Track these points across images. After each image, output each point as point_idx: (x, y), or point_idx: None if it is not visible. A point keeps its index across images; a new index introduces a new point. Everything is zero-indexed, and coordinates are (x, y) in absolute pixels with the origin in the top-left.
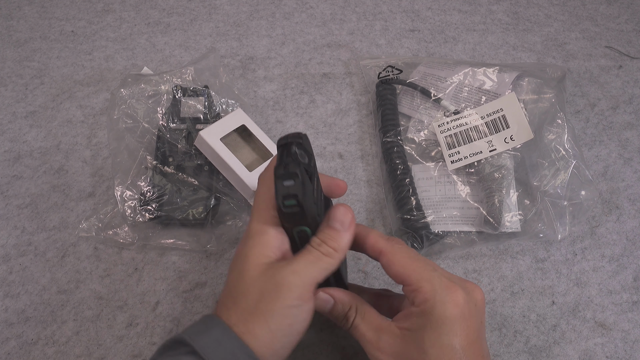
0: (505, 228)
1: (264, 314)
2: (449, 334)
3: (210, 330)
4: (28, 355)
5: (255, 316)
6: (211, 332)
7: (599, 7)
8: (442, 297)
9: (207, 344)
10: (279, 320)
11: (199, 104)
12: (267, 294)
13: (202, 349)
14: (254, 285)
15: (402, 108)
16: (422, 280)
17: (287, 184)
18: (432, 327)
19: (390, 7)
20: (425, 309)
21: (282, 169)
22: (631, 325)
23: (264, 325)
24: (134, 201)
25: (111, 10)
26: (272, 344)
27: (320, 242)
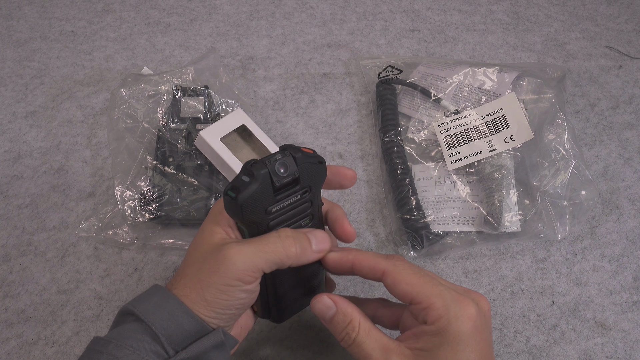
0: (505, 228)
1: (201, 283)
2: (466, 350)
3: (151, 297)
4: (28, 355)
5: (193, 284)
6: (152, 298)
7: (599, 7)
8: (456, 312)
9: (147, 308)
10: (214, 293)
11: (199, 104)
12: (207, 267)
13: (144, 314)
14: (200, 258)
15: (402, 108)
16: (433, 297)
17: (242, 178)
18: (449, 344)
19: (390, 7)
20: (441, 327)
21: (251, 163)
22: (631, 325)
23: (200, 295)
24: (134, 201)
25: (111, 10)
26: (207, 311)
27: (288, 236)
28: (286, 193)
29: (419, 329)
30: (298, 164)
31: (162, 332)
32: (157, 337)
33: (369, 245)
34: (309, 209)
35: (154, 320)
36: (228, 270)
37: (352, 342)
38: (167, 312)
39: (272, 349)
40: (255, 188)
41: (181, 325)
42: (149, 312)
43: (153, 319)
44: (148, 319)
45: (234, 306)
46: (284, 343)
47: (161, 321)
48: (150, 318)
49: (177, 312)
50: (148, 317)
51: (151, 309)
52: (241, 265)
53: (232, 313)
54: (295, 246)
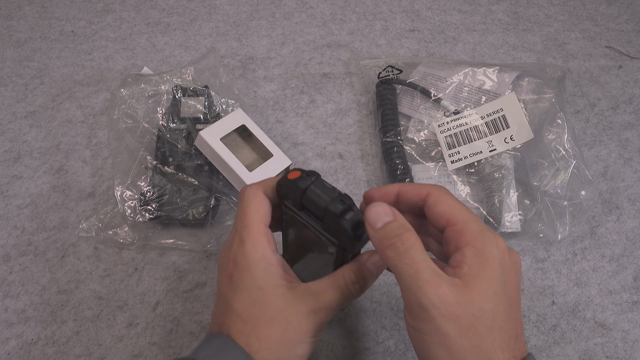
0: (505, 228)
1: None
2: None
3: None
4: (28, 355)
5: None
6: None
7: (599, 7)
8: (489, 237)
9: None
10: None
11: (199, 104)
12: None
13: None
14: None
15: (402, 108)
16: (469, 221)
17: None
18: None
19: (390, 7)
20: (478, 248)
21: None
22: (631, 325)
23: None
24: (134, 201)
25: (111, 10)
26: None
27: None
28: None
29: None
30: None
31: None
32: None
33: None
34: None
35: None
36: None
37: (404, 250)
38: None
39: None
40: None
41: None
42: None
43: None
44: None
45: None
46: None
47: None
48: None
49: None
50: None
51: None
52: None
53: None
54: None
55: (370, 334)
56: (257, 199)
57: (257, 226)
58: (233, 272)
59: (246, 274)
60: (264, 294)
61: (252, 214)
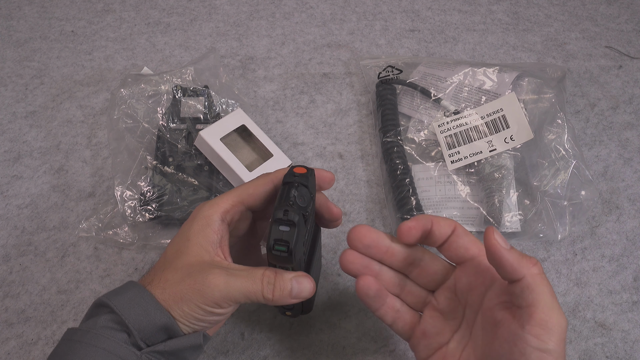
0: (505, 228)
1: (182, 297)
2: None
3: (126, 292)
4: (28, 355)
5: (174, 293)
6: (127, 293)
7: (599, 7)
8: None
9: (122, 302)
10: (192, 308)
11: (199, 104)
12: (191, 283)
13: (118, 307)
14: (185, 270)
15: (402, 108)
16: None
17: (283, 229)
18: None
19: (390, 7)
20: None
21: (281, 213)
22: (631, 325)
23: (178, 305)
24: (134, 201)
25: (111, 10)
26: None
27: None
28: (305, 218)
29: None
30: (309, 189)
31: (134, 325)
32: (129, 330)
33: None
34: (310, 217)
35: (127, 314)
36: (211, 295)
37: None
38: (141, 308)
39: (272, 349)
40: (299, 233)
41: (153, 321)
42: (123, 306)
43: (127, 313)
44: (122, 312)
45: (207, 321)
46: (284, 343)
47: (135, 316)
48: (124, 312)
49: (150, 309)
50: (122, 311)
51: (125, 303)
52: (225, 294)
53: (204, 326)
54: (273, 294)
55: (371, 334)
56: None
57: (238, 198)
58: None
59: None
60: (189, 245)
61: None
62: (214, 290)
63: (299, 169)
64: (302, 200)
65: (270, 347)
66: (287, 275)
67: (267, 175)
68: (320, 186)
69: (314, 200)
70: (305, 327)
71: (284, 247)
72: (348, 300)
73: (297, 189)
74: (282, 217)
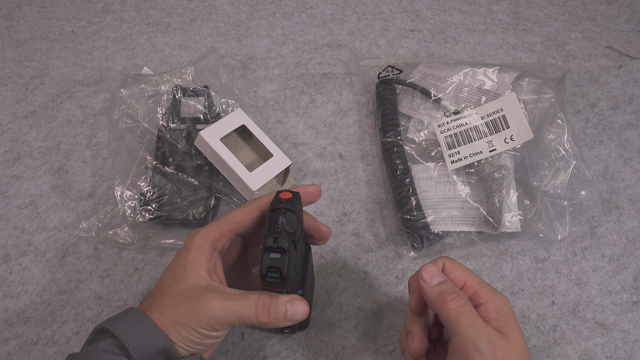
0: (505, 228)
1: (179, 321)
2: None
3: (126, 317)
4: (28, 355)
5: (171, 317)
6: (127, 318)
7: (599, 7)
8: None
9: (122, 327)
10: (189, 331)
11: (199, 104)
12: (188, 307)
13: (118, 332)
14: (182, 295)
15: (402, 108)
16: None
17: (274, 257)
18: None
19: (390, 7)
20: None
21: (271, 241)
22: (631, 325)
23: (176, 329)
24: (134, 201)
25: (111, 10)
26: (179, 342)
27: (265, 307)
28: (295, 242)
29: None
30: (296, 213)
31: (134, 349)
32: (129, 353)
33: (369, 245)
34: (300, 240)
35: (127, 338)
36: (206, 318)
37: (462, 304)
38: (141, 332)
39: (272, 349)
40: (289, 258)
41: (152, 345)
42: (124, 331)
43: (127, 337)
44: (122, 336)
45: (203, 344)
46: (284, 343)
47: (134, 339)
48: (124, 336)
49: (149, 333)
50: (122, 335)
51: (126, 328)
52: (219, 317)
53: (200, 349)
54: (268, 317)
55: (370, 334)
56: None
57: (228, 226)
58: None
59: (182, 250)
60: (185, 272)
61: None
62: (209, 313)
63: (285, 194)
64: (290, 226)
65: (270, 347)
66: (281, 298)
67: (254, 202)
68: (308, 201)
69: (301, 223)
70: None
71: (277, 274)
72: (348, 300)
73: (285, 215)
74: (272, 245)
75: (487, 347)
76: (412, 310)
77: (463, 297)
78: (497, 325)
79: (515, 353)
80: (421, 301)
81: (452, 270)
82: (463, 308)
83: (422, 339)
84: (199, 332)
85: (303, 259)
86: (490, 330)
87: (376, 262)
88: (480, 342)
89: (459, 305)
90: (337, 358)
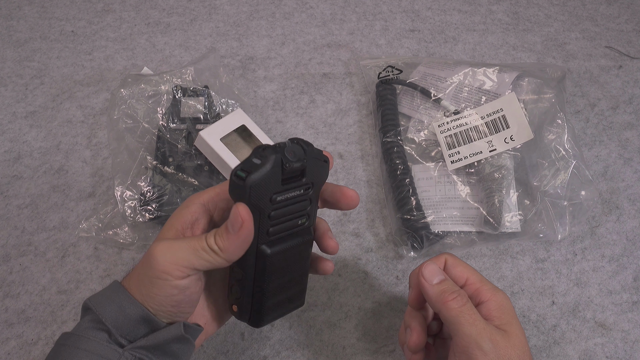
0: (505, 228)
1: (138, 277)
2: None
3: (106, 291)
4: (28, 355)
5: (133, 278)
6: (106, 292)
7: (599, 7)
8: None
9: (100, 301)
10: (147, 286)
11: (199, 104)
12: (143, 263)
13: (96, 306)
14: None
15: (402, 108)
16: (483, 281)
17: (253, 160)
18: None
19: (390, 7)
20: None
21: (262, 147)
22: (631, 325)
23: (138, 288)
24: (134, 201)
25: (111, 10)
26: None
27: (212, 235)
28: (292, 184)
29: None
30: (307, 155)
31: (111, 323)
32: (107, 328)
33: (369, 245)
34: (307, 207)
35: (103, 312)
36: (156, 264)
37: (463, 303)
38: (116, 305)
39: (272, 349)
40: (266, 171)
41: (129, 316)
42: (101, 305)
43: (103, 311)
44: (99, 310)
45: (168, 303)
46: (284, 343)
47: (110, 312)
48: (100, 310)
49: (124, 304)
50: (99, 309)
51: (103, 302)
52: (170, 258)
53: (171, 311)
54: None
55: (370, 334)
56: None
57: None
58: None
59: None
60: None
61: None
62: (158, 257)
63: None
64: (292, 155)
65: (270, 347)
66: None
67: None
68: (339, 202)
69: (315, 190)
70: (305, 327)
71: (244, 175)
72: (348, 300)
73: (292, 142)
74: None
75: (489, 346)
76: (411, 304)
77: (464, 297)
78: (499, 323)
79: (517, 351)
80: (420, 296)
81: (454, 267)
82: (464, 307)
83: (420, 333)
84: (156, 284)
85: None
86: (492, 328)
87: (376, 262)
88: (482, 340)
89: (460, 304)
90: (337, 358)
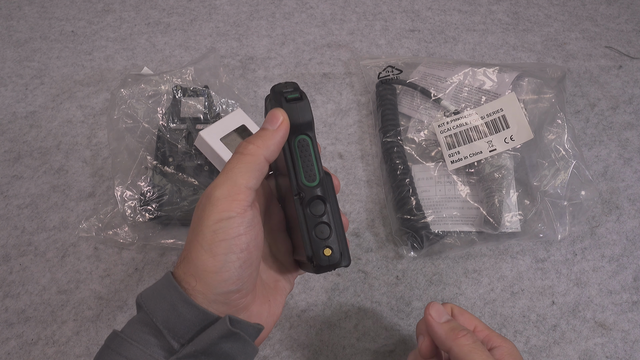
0: (505, 228)
1: (197, 237)
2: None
3: (157, 286)
4: (28, 355)
5: (192, 244)
6: (157, 287)
7: (599, 7)
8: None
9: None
10: (210, 236)
11: (199, 104)
12: (199, 219)
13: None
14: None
15: (402, 108)
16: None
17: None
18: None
19: (390, 7)
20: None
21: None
22: (631, 325)
23: (199, 250)
24: (134, 201)
25: (111, 10)
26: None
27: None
28: None
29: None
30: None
31: (163, 324)
32: (158, 330)
33: (369, 245)
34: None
35: (155, 311)
36: (215, 206)
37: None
38: (168, 303)
39: (272, 349)
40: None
41: (182, 315)
42: (151, 302)
43: (154, 310)
44: (150, 309)
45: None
46: (284, 343)
47: (162, 312)
48: (152, 309)
49: (177, 302)
50: (150, 308)
51: (154, 299)
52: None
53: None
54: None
55: (370, 334)
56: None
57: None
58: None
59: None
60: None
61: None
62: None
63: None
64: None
65: (270, 347)
66: None
67: None
68: None
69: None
70: (305, 327)
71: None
72: (348, 300)
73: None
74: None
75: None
76: (423, 354)
77: (474, 335)
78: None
79: None
80: (432, 343)
81: (461, 314)
82: (477, 344)
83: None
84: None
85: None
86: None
87: (376, 262)
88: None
89: (471, 341)
90: (337, 358)
